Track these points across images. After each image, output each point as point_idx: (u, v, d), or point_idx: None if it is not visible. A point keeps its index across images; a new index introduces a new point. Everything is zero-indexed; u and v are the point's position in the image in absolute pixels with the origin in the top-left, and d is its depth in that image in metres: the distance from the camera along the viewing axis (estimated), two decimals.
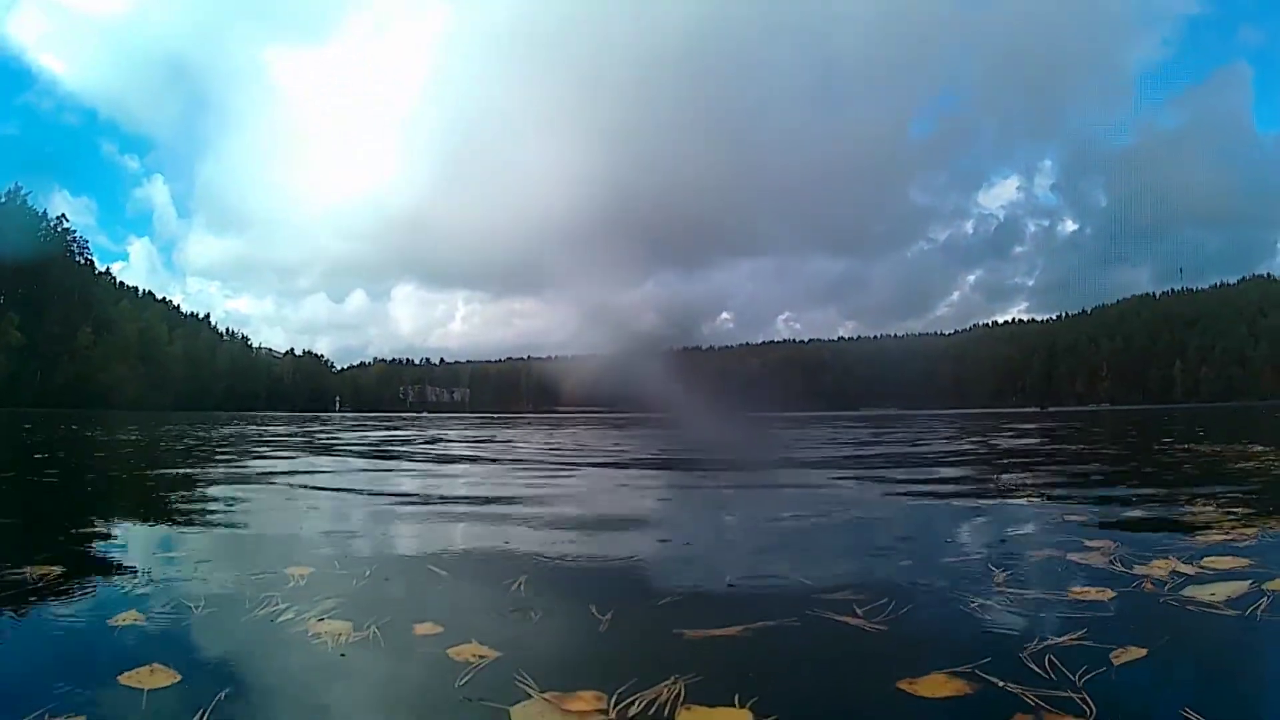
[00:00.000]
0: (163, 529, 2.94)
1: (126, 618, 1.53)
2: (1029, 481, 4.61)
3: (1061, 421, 19.98)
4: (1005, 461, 6.68)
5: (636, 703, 1.13)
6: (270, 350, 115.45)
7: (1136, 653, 1.33)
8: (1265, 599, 1.65)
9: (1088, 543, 2.32)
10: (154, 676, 1.20)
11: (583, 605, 1.68)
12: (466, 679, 1.23)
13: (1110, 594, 1.75)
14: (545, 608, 1.70)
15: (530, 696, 1.15)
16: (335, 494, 4.21)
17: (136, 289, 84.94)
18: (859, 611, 1.62)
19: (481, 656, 1.34)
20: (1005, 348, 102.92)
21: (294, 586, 1.84)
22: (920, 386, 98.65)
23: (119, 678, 1.20)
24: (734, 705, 1.12)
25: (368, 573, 2.00)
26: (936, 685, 1.19)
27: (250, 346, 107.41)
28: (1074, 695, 1.14)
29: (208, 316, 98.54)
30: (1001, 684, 1.20)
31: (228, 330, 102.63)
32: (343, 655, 1.36)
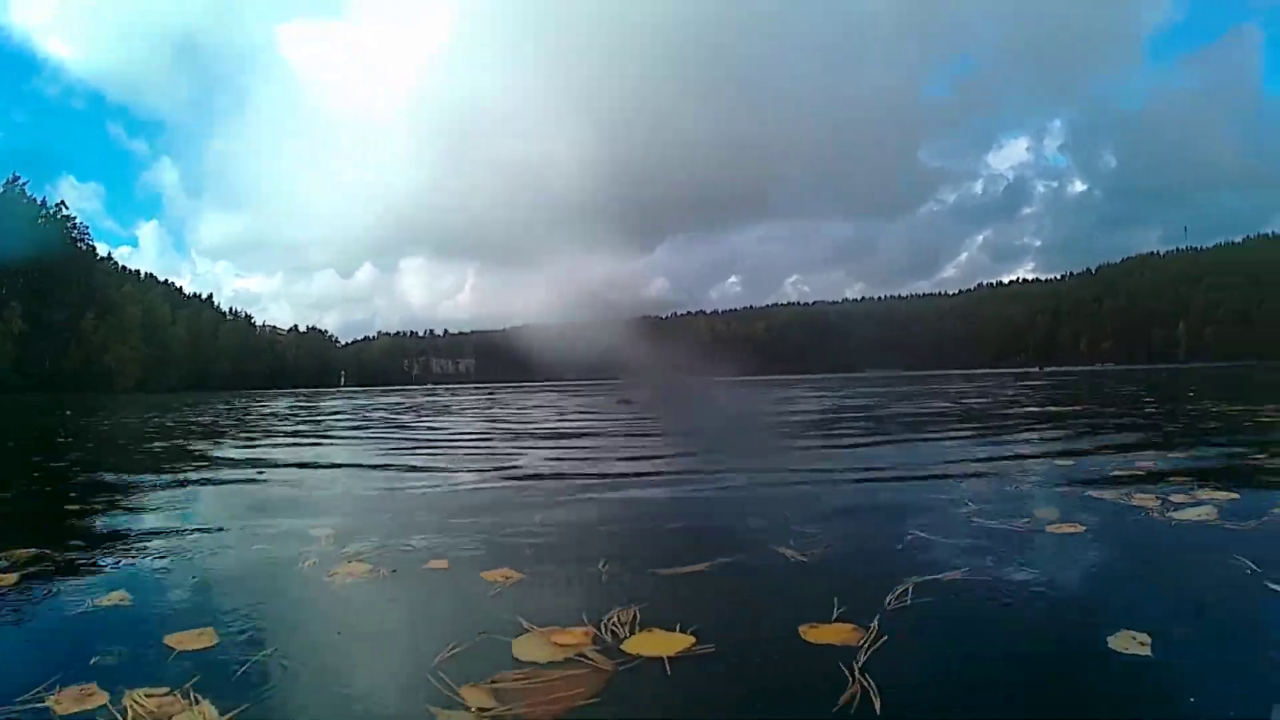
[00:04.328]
0: None
1: None
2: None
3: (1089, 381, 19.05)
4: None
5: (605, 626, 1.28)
6: (274, 328, 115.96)
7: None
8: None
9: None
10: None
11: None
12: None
13: None
14: None
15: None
16: None
17: (139, 272, 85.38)
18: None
19: None
20: (1010, 307, 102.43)
21: None
22: (926, 348, 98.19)
23: None
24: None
25: None
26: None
27: (253, 325, 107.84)
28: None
29: (210, 297, 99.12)
30: None
31: (231, 310, 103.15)
32: None
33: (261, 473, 3.80)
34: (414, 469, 3.78)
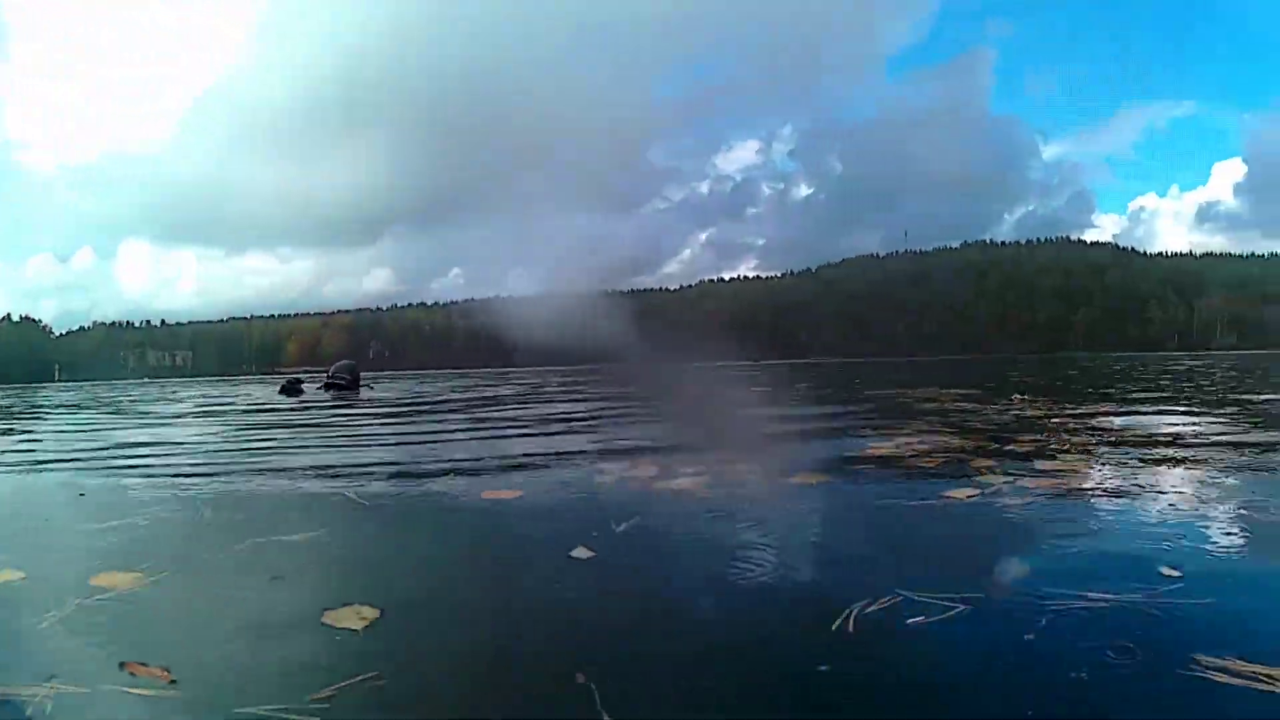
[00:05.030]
0: None
1: None
2: None
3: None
4: None
5: None
6: None
7: None
8: None
9: None
10: None
11: None
12: None
13: None
14: None
15: None
16: None
17: None
18: None
19: None
20: (730, 303, 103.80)
21: None
22: (648, 342, 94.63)
23: None
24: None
25: None
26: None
27: None
28: None
29: None
30: None
31: None
32: None
33: None
34: None
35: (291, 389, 10.01)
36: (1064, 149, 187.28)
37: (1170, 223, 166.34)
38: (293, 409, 7.37)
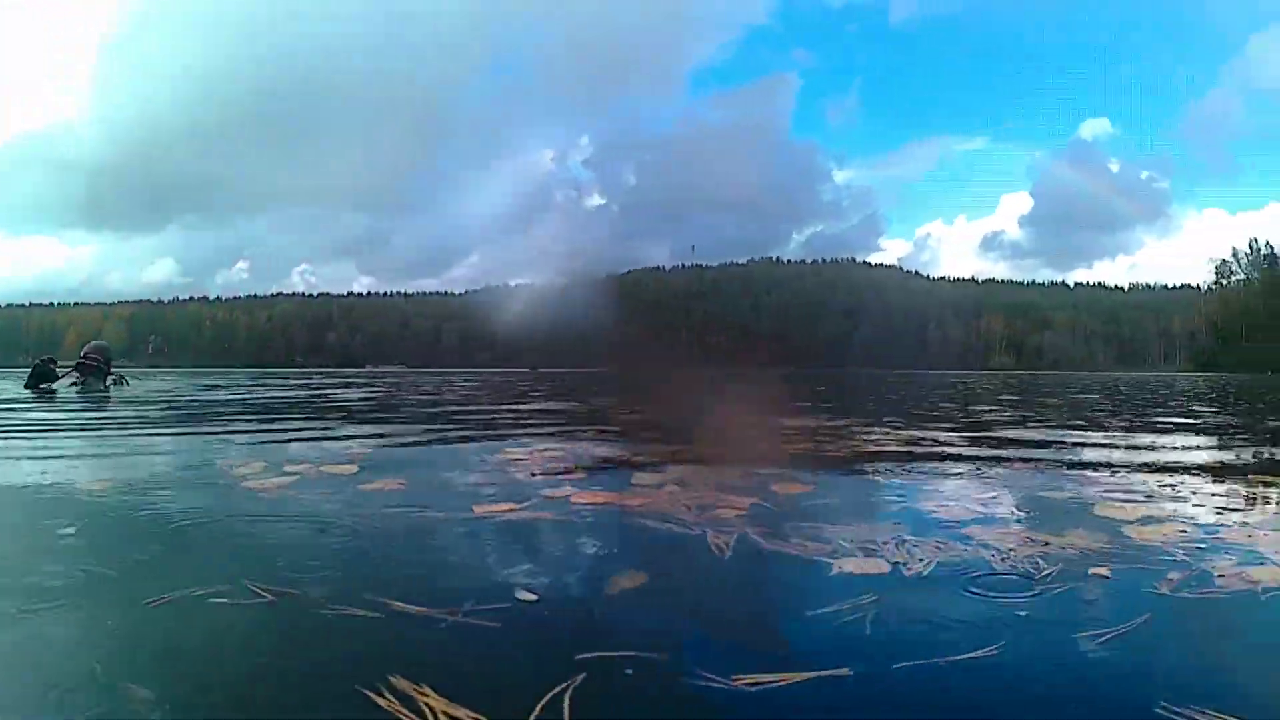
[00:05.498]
0: None
1: None
2: None
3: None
4: None
5: None
6: None
7: None
8: None
9: None
10: None
11: None
12: None
13: None
14: None
15: None
16: None
17: None
18: None
19: None
20: (516, 309, 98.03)
21: None
22: (425, 348, 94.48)
23: None
24: None
25: None
26: None
27: None
28: None
29: None
30: None
31: None
32: None
33: None
34: None
35: (42, 376, 8.95)
36: (857, 175, 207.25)
37: (956, 249, 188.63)
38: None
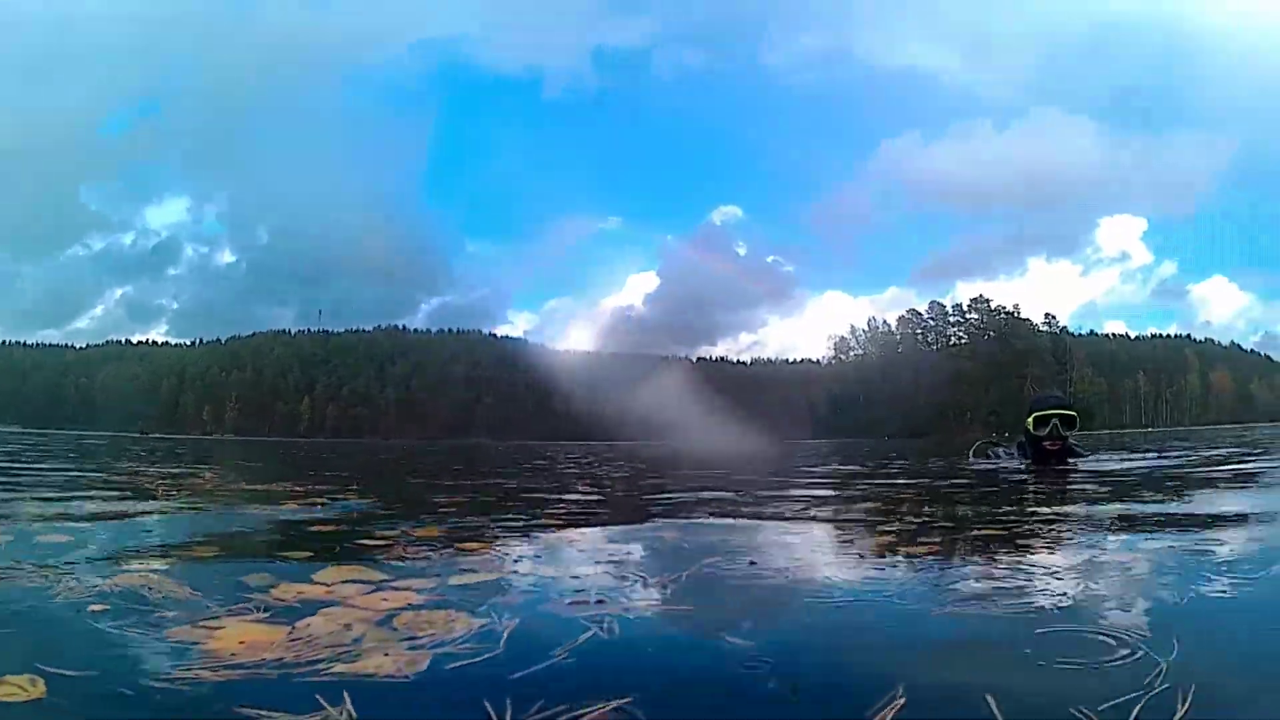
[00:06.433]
0: None
1: None
2: None
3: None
4: None
5: None
6: None
7: None
8: None
9: None
10: None
11: None
12: None
13: None
14: None
15: None
16: None
17: None
18: None
19: None
20: (134, 368, 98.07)
21: None
22: (41, 405, 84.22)
23: None
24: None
25: None
26: None
27: None
28: None
29: None
30: None
31: None
32: None
33: None
34: None
35: None
36: (489, 247, 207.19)
37: (581, 324, 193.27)
38: None
